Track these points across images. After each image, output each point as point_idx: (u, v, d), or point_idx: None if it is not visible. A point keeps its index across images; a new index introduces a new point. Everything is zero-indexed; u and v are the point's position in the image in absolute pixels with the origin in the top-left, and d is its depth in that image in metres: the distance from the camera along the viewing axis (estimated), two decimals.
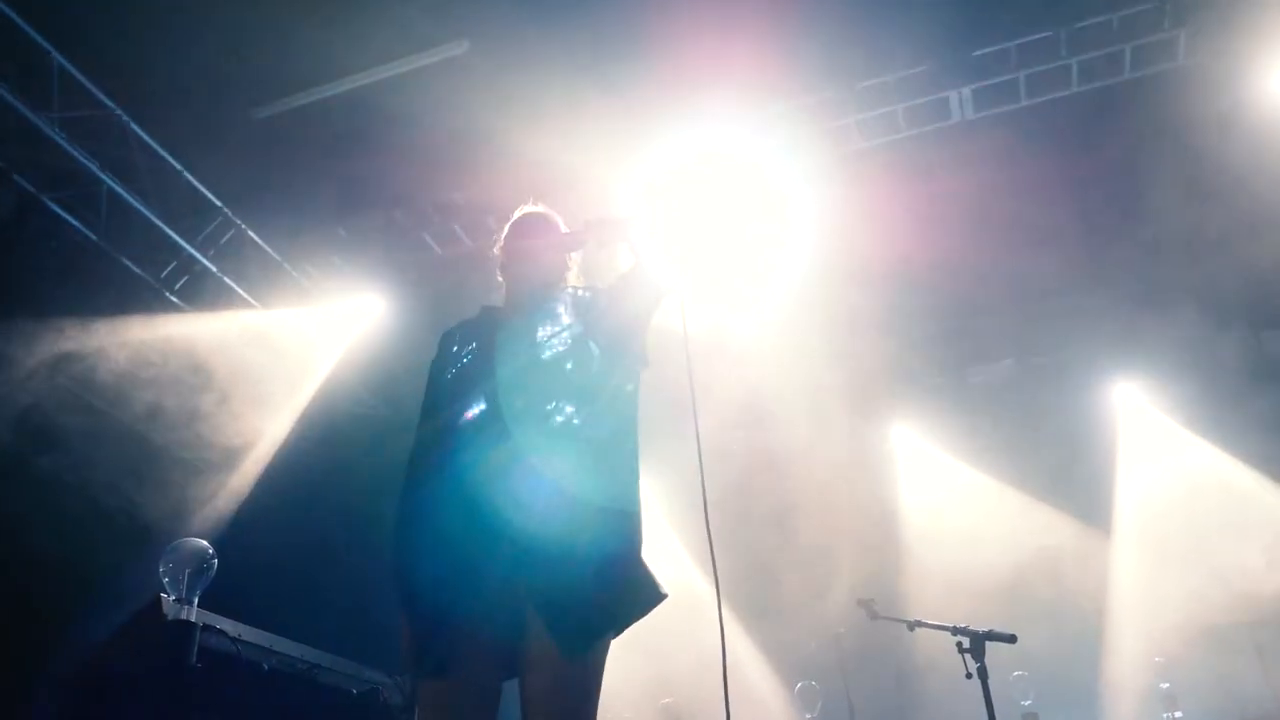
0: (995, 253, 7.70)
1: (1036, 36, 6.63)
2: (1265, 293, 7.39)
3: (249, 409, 7.46)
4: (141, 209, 6.81)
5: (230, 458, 7.48)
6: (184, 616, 3.98)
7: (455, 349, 2.96)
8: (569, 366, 2.78)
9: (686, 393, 2.95)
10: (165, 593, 3.99)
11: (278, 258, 7.78)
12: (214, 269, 7.35)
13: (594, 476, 2.65)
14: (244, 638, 4.20)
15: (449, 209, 7.74)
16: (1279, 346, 7.38)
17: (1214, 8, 6.29)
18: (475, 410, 2.75)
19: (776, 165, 7.07)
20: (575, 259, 3.09)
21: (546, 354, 2.82)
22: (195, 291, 7.43)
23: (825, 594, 7.76)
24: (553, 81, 6.73)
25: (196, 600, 3.98)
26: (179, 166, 6.99)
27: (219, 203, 7.29)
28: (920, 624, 4.97)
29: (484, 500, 2.57)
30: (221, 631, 4.08)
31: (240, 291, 7.61)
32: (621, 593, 2.58)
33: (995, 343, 8.37)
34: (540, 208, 3.14)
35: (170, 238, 7.05)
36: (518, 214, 3.14)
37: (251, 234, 7.52)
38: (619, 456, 2.76)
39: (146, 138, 6.77)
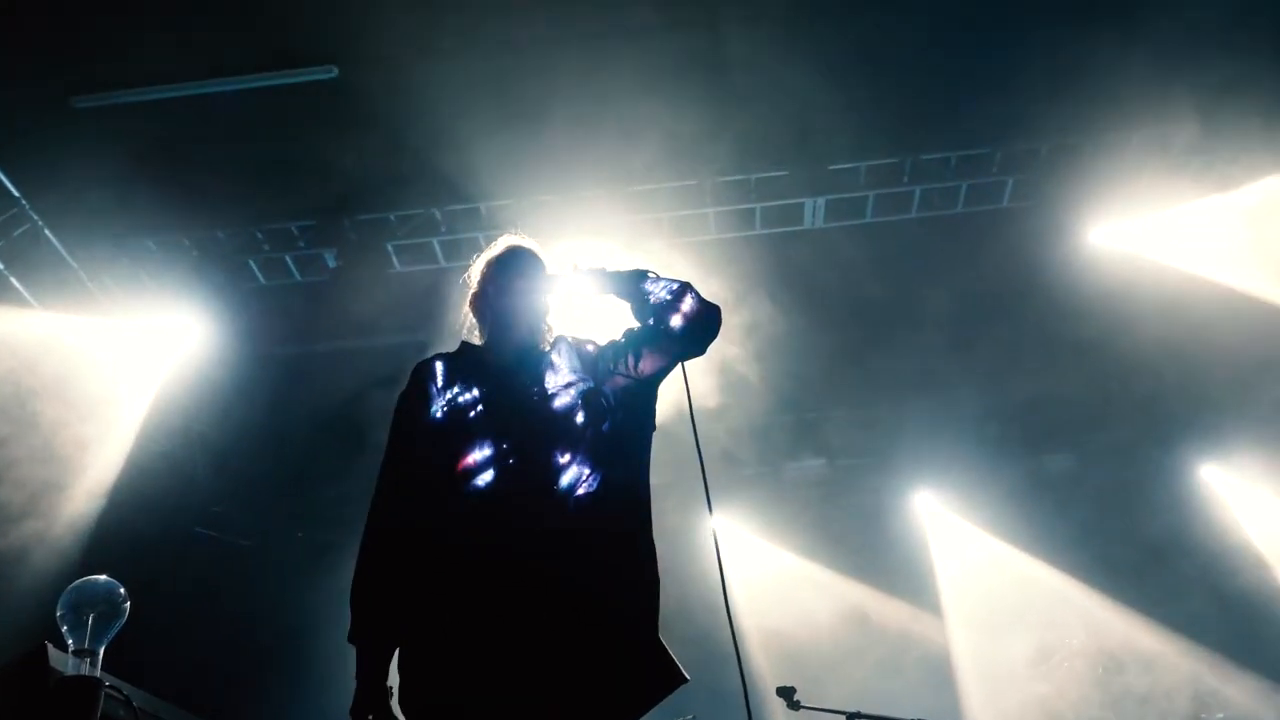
0: (820, 359, 8.03)
1: (884, 161, 7.12)
2: (1047, 418, 8.10)
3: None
4: None
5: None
6: (85, 671, 3.17)
7: (441, 385, 2.70)
8: (579, 420, 2.59)
9: None
10: (57, 641, 3.25)
11: (73, 263, 6.95)
12: None
13: (614, 553, 2.51)
14: (145, 709, 3.33)
15: (280, 237, 7.23)
16: (1056, 468, 8.09)
17: (1040, 165, 6.98)
18: (482, 455, 2.53)
19: (626, 241, 7.11)
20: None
21: (557, 404, 2.62)
22: None
23: None
24: (421, 121, 6.50)
25: (102, 653, 3.26)
26: None
27: (16, 192, 6.46)
28: (860, 715, 4.55)
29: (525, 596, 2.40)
30: (117, 694, 3.16)
31: (21, 289, 6.73)
32: (643, 676, 2.39)
33: (809, 440, 8.70)
34: (530, 242, 2.93)
35: None
36: (509, 246, 2.89)
37: (48, 232, 6.69)
38: (637, 526, 2.59)
39: None
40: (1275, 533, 7.64)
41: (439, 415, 2.63)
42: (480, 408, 2.61)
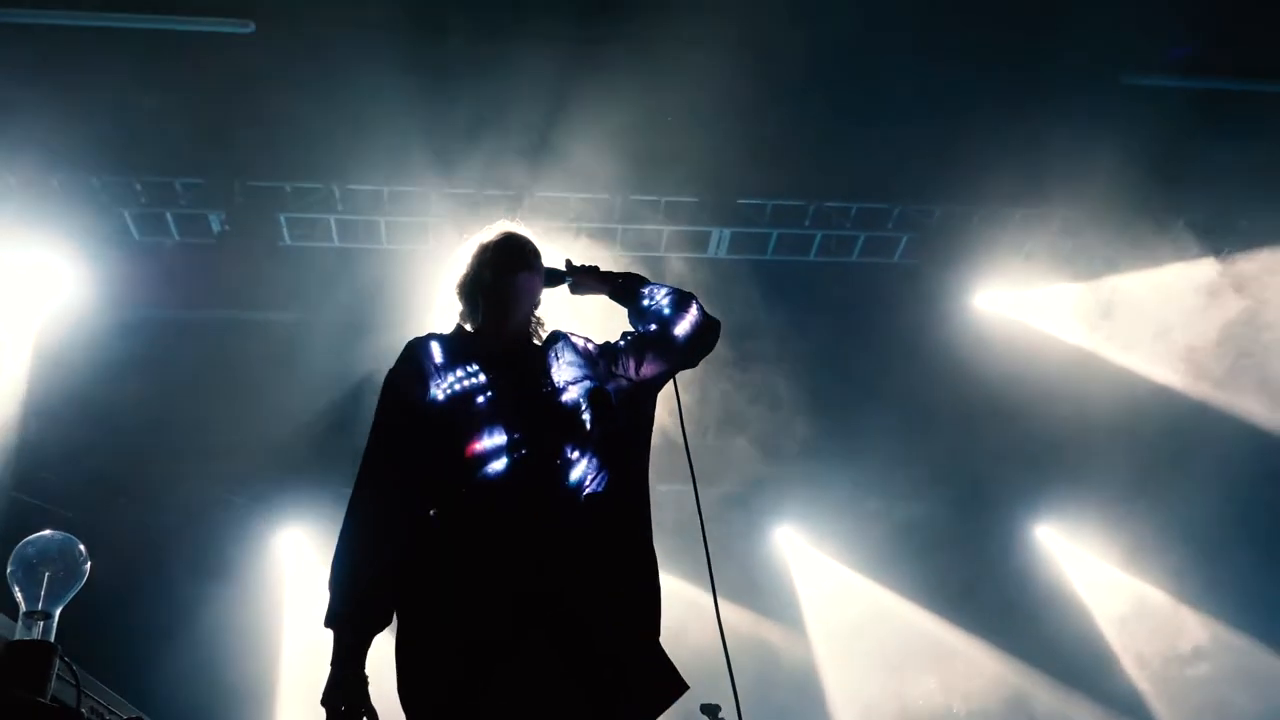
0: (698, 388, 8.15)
1: (789, 202, 7.35)
2: (906, 463, 8.48)
3: None
4: None
5: None
6: (37, 635, 2.83)
7: (439, 366, 2.57)
8: (586, 418, 2.51)
9: None
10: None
11: None
12: None
13: (621, 555, 2.47)
14: (88, 692, 2.93)
15: (164, 193, 6.74)
16: (907, 514, 8.48)
17: (933, 226, 7.37)
18: (492, 443, 2.44)
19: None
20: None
21: (565, 399, 2.54)
22: None
23: None
24: (334, 93, 6.23)
25: (58, 616, 2.83)
26: None
27: None
28: None
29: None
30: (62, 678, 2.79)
31: None
32: (651, 681, 2.32)
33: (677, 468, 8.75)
34: (527, 231, 2.83)
35: None
36: (507, 232, 2.76)
37: None
38: (641, 528, 2.54)
39: None
40: (1096, 588, 8.37)
41: (440, 397, 2.52)
42: (489, 394, 2.51)
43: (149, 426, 7.85)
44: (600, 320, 2.96)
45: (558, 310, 2.86)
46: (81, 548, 2.99)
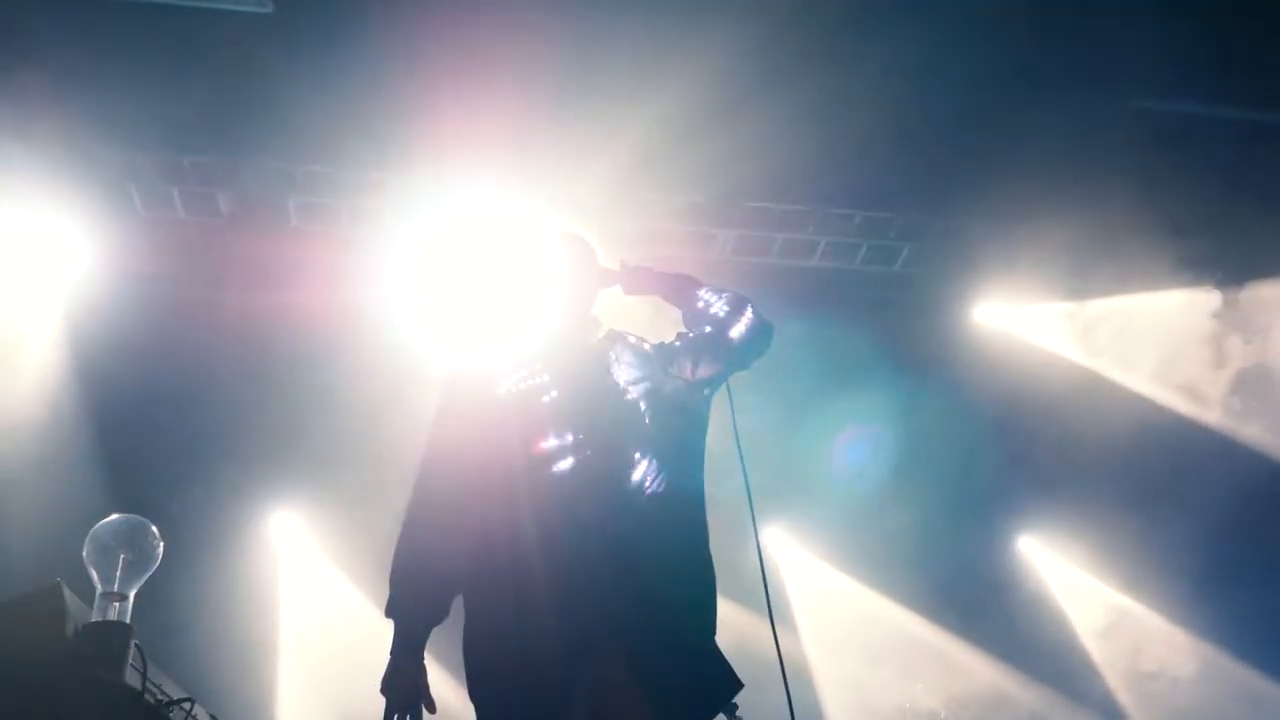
0: None
1: (793, 208, 7.39)
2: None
3: None
4: None
5: None
6: (113, 616, 2.84)
7: (501, 362, 2.65)
8: (647, 419, 2.56)
9: None
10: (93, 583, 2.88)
11: None
12: None
13: (681, 554, 2.54)
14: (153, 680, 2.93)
15: (171, 169, 6.71)
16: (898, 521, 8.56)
17: (935, 236, 7.44)
18: (559, 443, 2.51)
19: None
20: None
21: (626, 400, 2.58)
22: None
23: None
24: (351, 77, 6.22)
25: (132, 597, 2.84)
26: None
27: None
28: None
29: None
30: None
31: None
32: (710, 678, 2.37)
33: None
34: (582, 231, 2.88)
35: None
36: (564, 232, 2.85)
37: None
38: (699, 529, 2.61)
39: None
40: (1081, 599, 8.53)
41: (504, 395, 2.57)
42: (554, 394, 2.57)
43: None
44: (647, 321, 3.01)
45: (606, 310, 2.92)
46: (154, 530, 3.06)
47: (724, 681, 2.45)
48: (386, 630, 2.46)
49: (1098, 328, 7.25)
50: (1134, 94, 6.58)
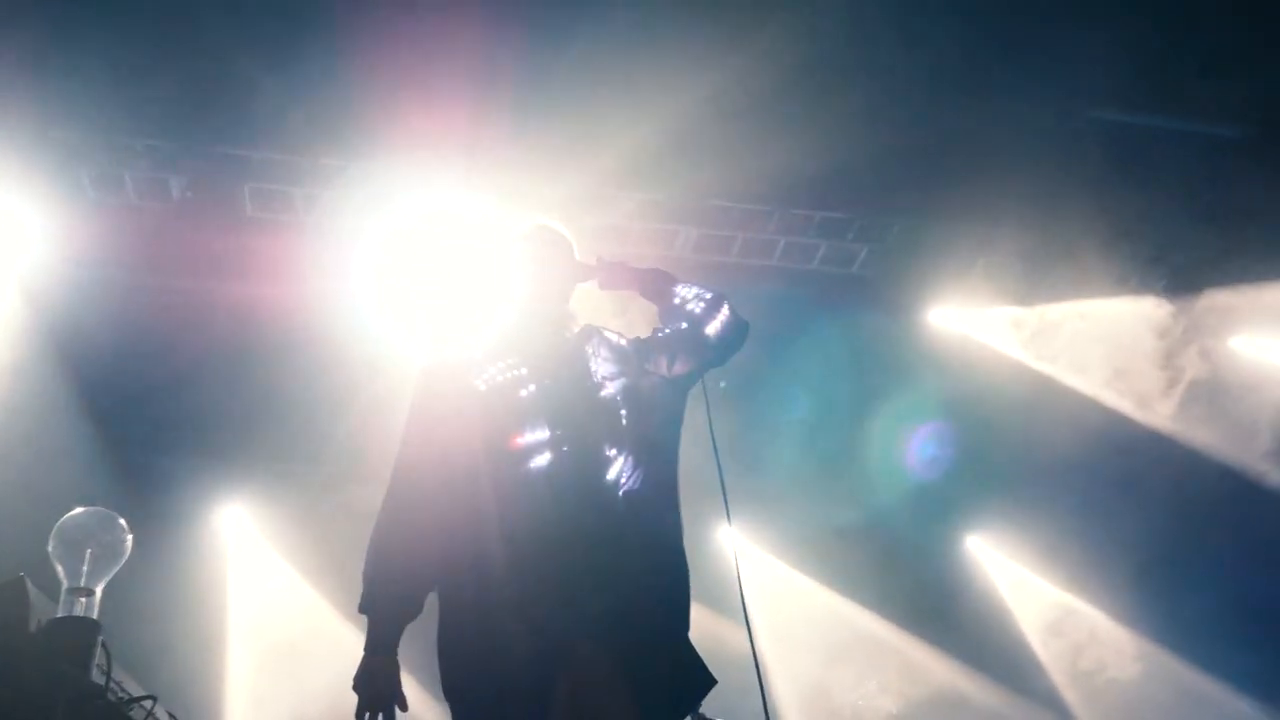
0: None
1: (754, 207, 7.42)
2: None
3: None
4: None
5: None
6: (79, 612, 2.79)
7: (478, 355, 2.61)
8: (623, 414, 2.54)
9: None
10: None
11: None
12: None
13: (656, 550, 2.54)
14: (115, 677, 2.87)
15: (123, 152, 6.55)
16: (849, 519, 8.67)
17: (892, 239, 7.50)
18: (536, 437, 2.49)
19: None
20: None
21: (603, 396, 2.56)
22: None
23: None
24: (308, 62, 6.12)
25: (99, 592, 2.74)
26: None
27: None
28: None
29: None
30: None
31: None
32: (685, 675, 2.37)
33: None
34: (560, 226, 2.87)
35: None
36: (542, 226, 2.82)
37: None
38: (674, 526, 2.62)
39: None
40: (1025, 601, 8.66)
41: (481, 388, 2.55)
42: (532, 388, 2.55)
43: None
44: (621, 315, 3.01)
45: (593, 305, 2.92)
46: (123, 523, 2.97)
47: (699, 678, 2.46)
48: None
49: (1049, 332, 7.38)
50: (1089, 104, 6.72)
